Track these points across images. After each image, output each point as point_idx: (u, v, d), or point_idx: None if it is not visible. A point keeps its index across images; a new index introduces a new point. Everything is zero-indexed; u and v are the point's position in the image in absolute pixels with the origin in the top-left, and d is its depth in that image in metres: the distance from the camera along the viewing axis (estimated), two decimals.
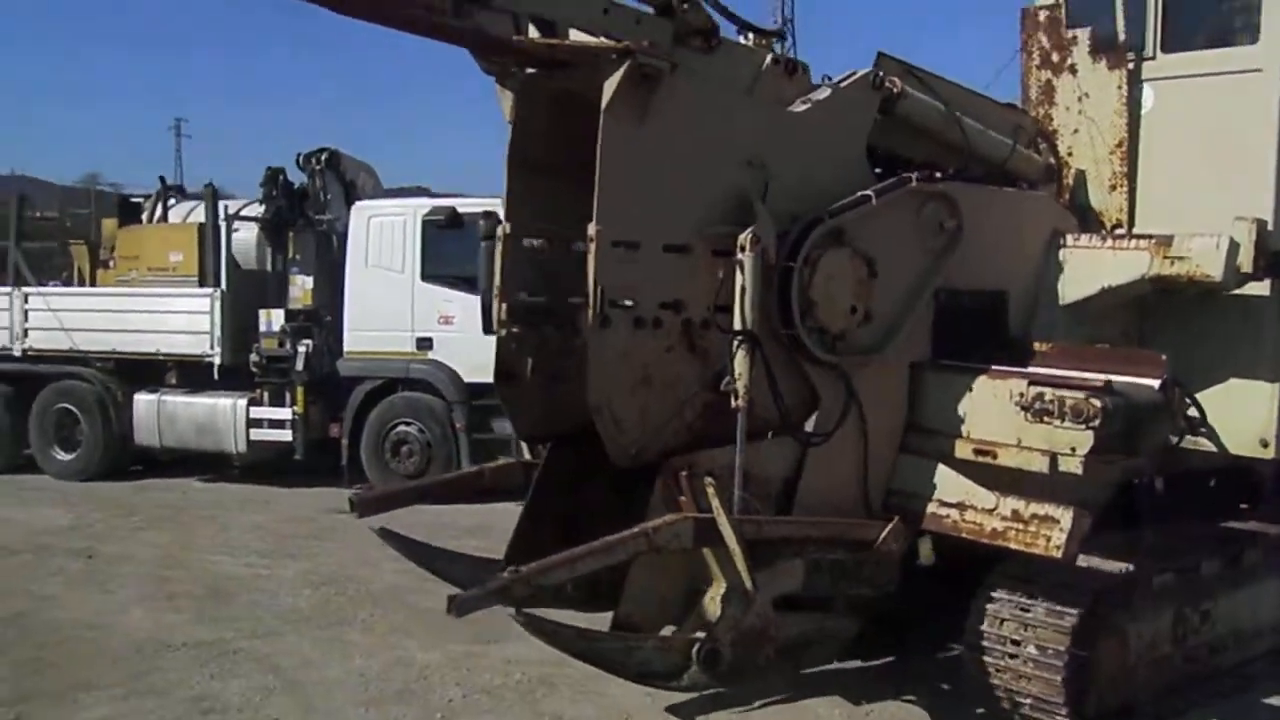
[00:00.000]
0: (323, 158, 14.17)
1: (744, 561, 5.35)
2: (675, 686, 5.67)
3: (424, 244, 13.34)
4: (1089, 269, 6.95)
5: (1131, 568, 6.23)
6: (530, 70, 5.84)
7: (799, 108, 6.07)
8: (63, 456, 14.94)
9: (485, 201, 13.42)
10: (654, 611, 5.83)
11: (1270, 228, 6.69)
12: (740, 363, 5.45)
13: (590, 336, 5.37)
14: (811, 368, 5.89)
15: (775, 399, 5.75)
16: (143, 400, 14.51)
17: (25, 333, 15.08)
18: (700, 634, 5.48)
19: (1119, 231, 7.37)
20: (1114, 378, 5.69)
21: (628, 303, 5.40)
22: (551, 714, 6.60)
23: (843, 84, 6.26)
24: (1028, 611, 5.99)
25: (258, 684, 7.12)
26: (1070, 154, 7.71)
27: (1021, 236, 6.98)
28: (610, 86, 5.21)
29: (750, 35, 6.27)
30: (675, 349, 5.59)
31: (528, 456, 6.81)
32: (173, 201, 15.90)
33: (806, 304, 5.78)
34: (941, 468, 6.16)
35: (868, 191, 5.99)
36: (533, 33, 5.57)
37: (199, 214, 15.26)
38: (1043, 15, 7.79)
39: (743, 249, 5.44)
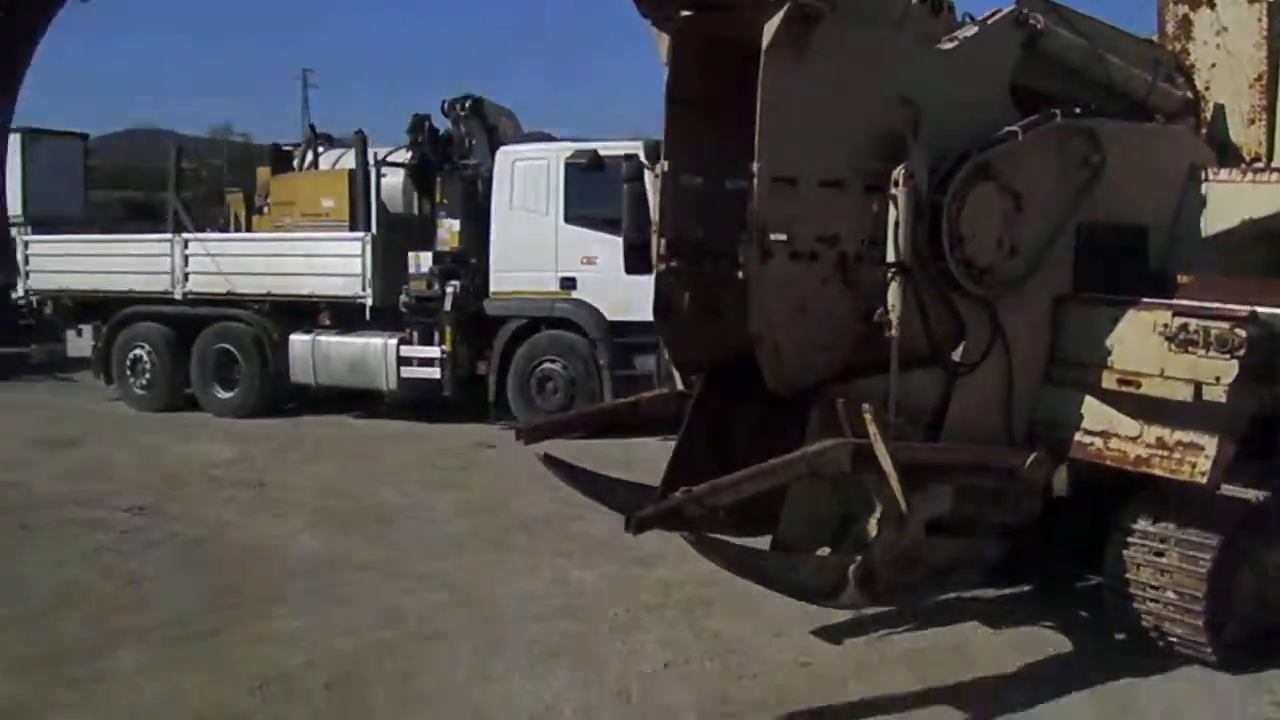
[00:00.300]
0: (467, 104, 14.50)
1: (899, 486, 5.50)
2: (832, 604, 5.88)
3: (567, 186, 13.62)
4: (1230, 203, 6.89)
5: (1267, 496, 6.22)
6: (686, 13, 5.98)
7: (946, 45, 6.14)
8: (222, 395, 15.64)
9: (626, 144, 13.70)
10: (810, 533, 6.07)
11: None
12: (894, 294, 5.61)
13: (751, 268, 5.54)
14: (960, 299, 6.01)
15: (926, 330, 5.88)
16: (298, 340, 15.11)
17: (185, 277, 15.74)
18: (857, 555, 5.67)
19: (1258, 165, 7.25)
20: (1258, 308, 5.71)
21: (786, 236, 5.56)
22: (710, 630, 6.85)
23: (989, 21, 6.32)
24: (1168, 539, 6.07)
25: (432, 600, 7.52)
26: (1208, 88, 7.58)
27: (1162, 171, 6.95)
28: (771, 27, 5.34)
29: None
30: (830, 281, 5.74)
31: (680, 387, 6.95)
32: (322, 149, 16.42)
33: (956, 237, 5.87)
34: (1085, 398, 6.25)
35: (1014, 128, 6.05)
36: None
37: (347, 161, 15.78)
38: None
39: (896, 184, 5.58)
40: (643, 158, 13.10)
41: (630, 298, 13.26)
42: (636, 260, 12.97)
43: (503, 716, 5.73)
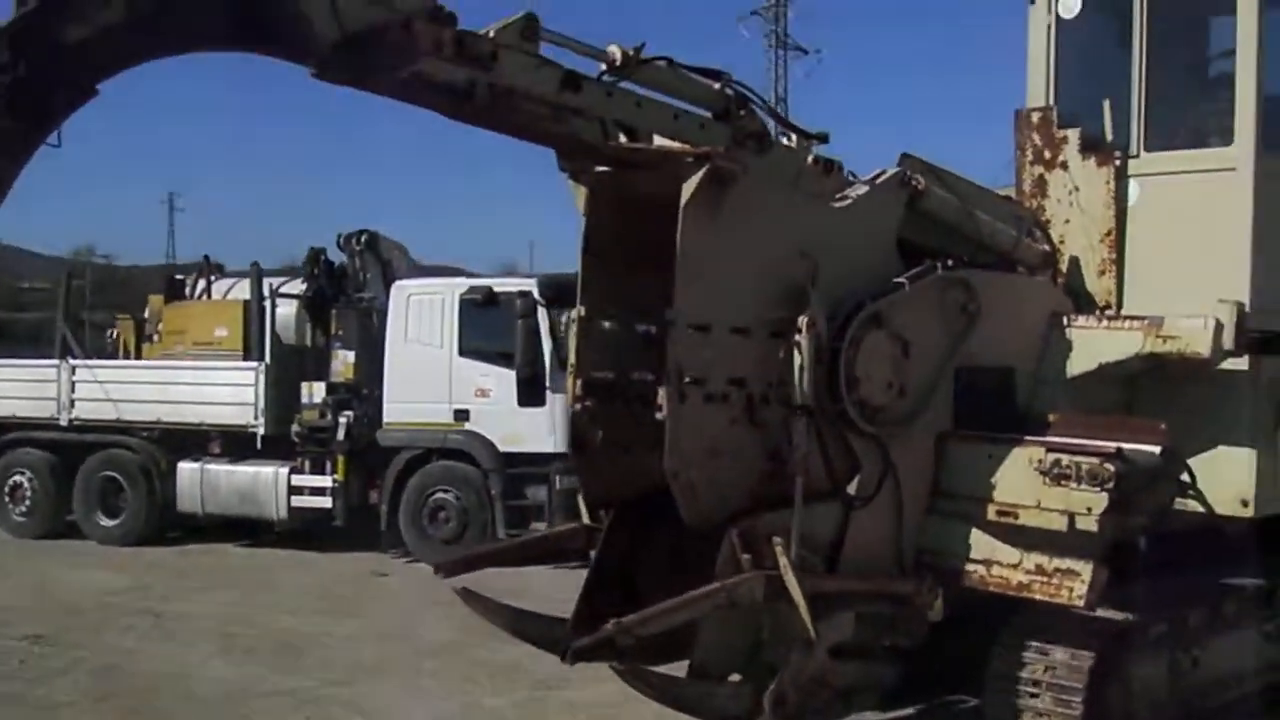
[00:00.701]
0: (362, 239, 15.02)
1: (808, 614, 5.88)
2: None
3: (461, 321, 14.10)
4: (1087, 347, 7.54)
5: (1133, 617, 6.86)
6: (601, 169, 6.40)
7: (841, 203, 6.71)
8: (106, 522, 15.60)
9: (520, 282, 14.39)
10: (724, 659, 6.37)
11: (1248, 309, 7.31)
12: (799, 434, 6.07)
13: (669, 409, 5.85)
14: (854, 438, 6.44)
15: (826, 466, 6.34)
16: (186, 469, 15.21)
17: (72, 403, 15.77)
18: (769, 681, 6.05)
19: (1110, 312, 8.00)
20: (1122, 445, 6.33)
21: (700, 379, 5.94)
22: None
23: (877, 181, 6.91)
24: (1047, 655, 6.63)
25: None
26: (1063, 241, 8.32)
27: (1027, 318, 7.56)
28: (690, 186, 5.77)
29: (793, 136, 6.84)
30: (739, 421, 6.10)
31: (587, 520, 7.16)
32: (214, 278, 16.71)
33: (852, 380, 6.33)
34: (967, 528, 6.71)
35: (901, 279, 6.65)
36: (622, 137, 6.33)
37: (238, 290, 16.11)
38: (1035, 117, 8.48)
39: (800, 332, 6.07)
40: (536, 295, 13.82)
41: (522, 430, 13.85)
42: (529, 393, 13.70)
43: None
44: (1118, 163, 8.12)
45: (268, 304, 15.17)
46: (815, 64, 52.95)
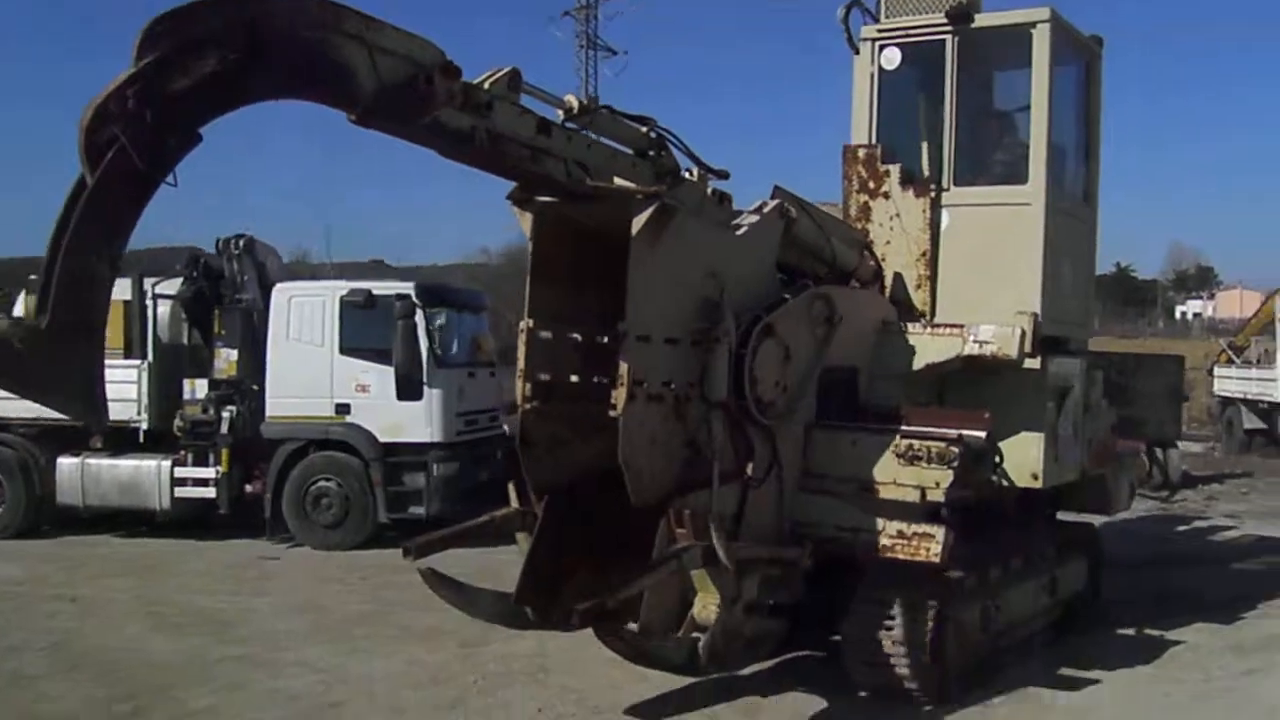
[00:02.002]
0: (240, 243, 15.82)
1: (736, 577, 7.19)
2: (691, 673, 7.67)
3: (342, 321, 15.07)
4: (914, 349, 8.92)
5: (960, 573, 8.45)
6: (543, 199, 7.33)
7: (738, 230, 7.98)
8: None
9: (398, 285, 15.50)
10: (663, 619, 7.49)
11: (1040, 319, 8.91)
12: (717, 426, 7.39)
13: (623, 408, 6.84)
14: (751, 429, 7.66)
15: (735, 453, 7.65)
16: (66, 463, 15.78)
17: None
18: (697, 634, 7.32)
19: (933, 320, 9.43)
20: (961, 431, 7.94)
21: (641, 381, 6.97)
22: (558, 685, 8.60)
23: (763, 211, 8.10)
24: (894, 605, 8.04)
25: (312, 680, 8.96)
26: (884, 259, 9.65)
27: (866, 325, 8.86)
28: (640, 220, 6.82)
29: (696, 171, 7.91)
30: (669, 417, 7.21)
31: (517, 505, 8.14)
32: None
33: (752, 381, 7.56)
34: (834, 502, 8.09)
35: (786, 295, 8.07)
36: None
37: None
38: (862, 153, 9.81)
39: (716, 340, 7.38)
40: (414, 298, 14.95)
41: (401, 422, 15.00)
42: (408, 388, 14.83)
43: None
44: (933, 194, 9.57)
45: (149, 304, 15.82)
46: (623, 65, 54.01)
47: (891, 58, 9.96)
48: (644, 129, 7.31)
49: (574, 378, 7.85)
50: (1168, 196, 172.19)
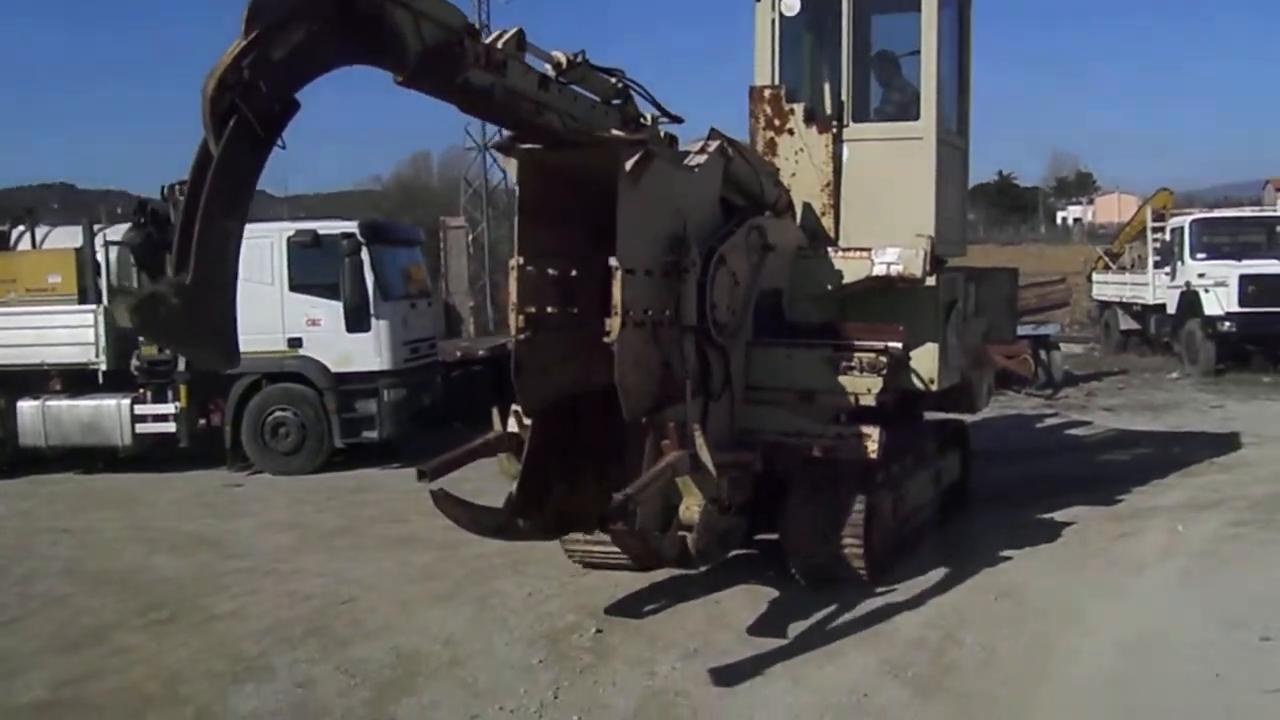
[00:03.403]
0: (184, 189, 16.55)
1: (715, 480, 7.89)
2: (683, 567, 8.73)
3: (290, 261, 15.93)
4: (827, 272, 9.75)
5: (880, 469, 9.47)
6: (526, 146, 7.72)
7: (691, 168, 8.47)
8: None
9: (343, 224, 16.43)
10: (653, 520, 8.11)
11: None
12: (688, 347, 8.09)
13: (618, 335, 7.35)
14: (710, 349, 8.41)
15: (702, 371, 8.39)
16: (27, 406, 16.53)
17: None
18: (683, 532, 8.09)
19: (844, 245, 10.18)
20: (886, 343, 9.04)
21: (628, 310, 7.41)
22: (538, 575, 9.76)
23: (708, 151, 8.68)
24: (831, 502, 9.08)
25: (321, 581, 10.10)
26: (791, 190, 10.29)
27: (786, 252, 9.62)
28: (628, 163, 7.32)
29: (651, 116, 8.46)
30: (649, 341, 7.76)
31: (507, 428, 8.60)
32: (41, 230, 17.87)
33: (712, 306, 8.30)
34: (776, 411, 9.01)
35: (731, 226, 8.73)
36: None
37: (58, 238, 17.43)
38: (767, 93, 10.57)
39: (685, 271, 7.96)
40: (358, 236, 15.93)
41: (351, 352, 16.06)
42: (357, 320, 15.87)
43: (458, 621, 8.56)
44: (834, 130, 10.42)
45: (100, 251, 16.58)
46: None
47: (792, 5, 10.74)
48: (614, 80, 8.02)
49: (550, 309, 8.20)
50: (1049, 104, 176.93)
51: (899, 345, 9.17)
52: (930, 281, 9.78)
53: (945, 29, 10.69)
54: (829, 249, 10.12)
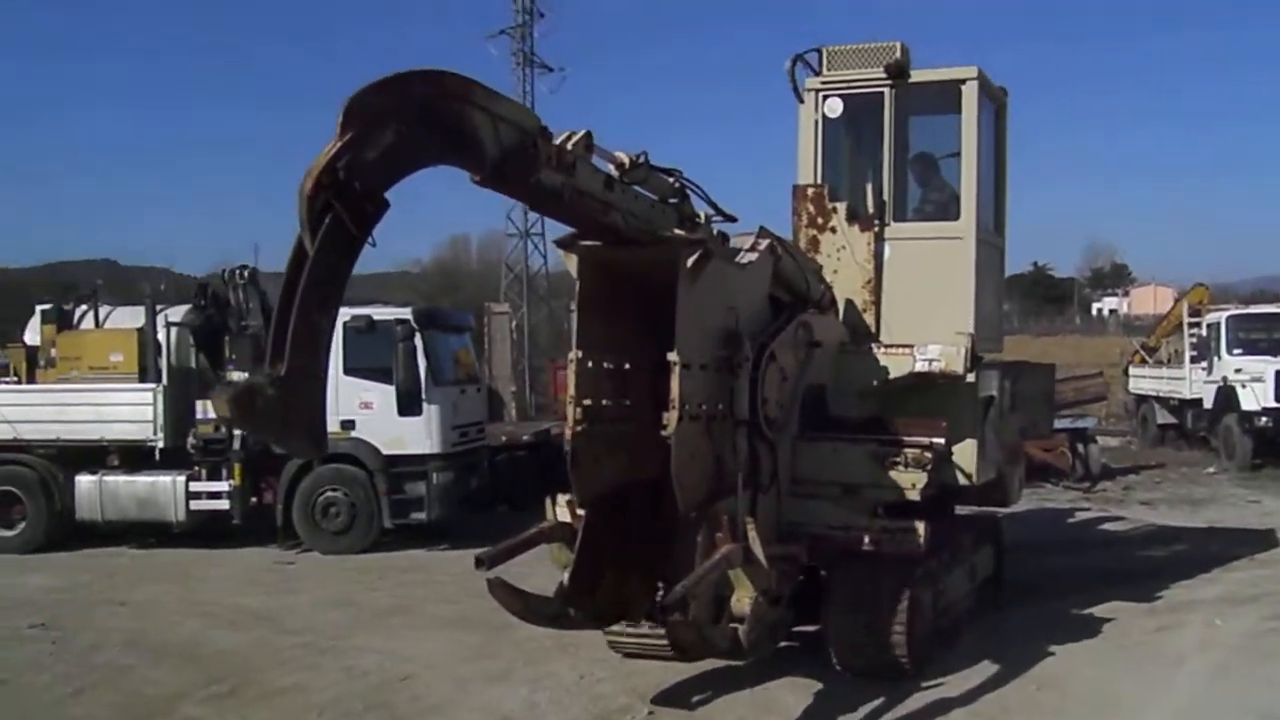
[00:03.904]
0: (245, 273, 17.21)
1: (767, 572, 8.14)
2: (734, 658, 8.82)
3: (345, 344, 16.44)
4: (870, 367, 9.91)
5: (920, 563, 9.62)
6: (587, 244, 7.88)
7: (742, 266, 8.64)
8: (5, 533, 17.21)
9: (397, 311, 16.96)
10: (706, 611, 8.14)
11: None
12: (741, 442, 8.19)
13: (676, 429, 7.47)
14: (759, 442, 8.50)
15: (752, 464, 8.43)
16: (84, 481, 17.06)
17: None
18: (734, 624, 8.18)
19: (885, 341, 10.32)
20: (930, 439, 9.21)
21: (685, 404, 7.55)
22: (589, 658, 9.95)
23: (758, 249, 8.87)
24: (876, 596, 9.26)
25: (374, 660, 10.40)
26: (833, 287, 10.46)
27: (829, 348, 9.70)
28: (688, 261, 7.60)
29: (703, 215, 8.34)
30: (703, 434, 7.84)
31: (564, 518, 8.84)
32: (103, 309, 18.51)
33: (763, 401, 8.42)
34: (822, 504, 9.13)
35: (780, 324, 8.86)
36: None
37: (120, 318, 18.04)
38: (810, 191, 10.82)
39: (739, 366, 8.13)
40: (412, 322, 16.44)
41: (402, 435, 16.49)
42: (408, 404, 16.32)
43: (513, 701, 8.83)
44: (875, 229, 10.64)
45: (165, 331, 17.16)
46: (560, 80, 55.43)
47: (834, 107, 11.02)
48: (671, 180, 8.03)
49: (605, 401, 8.27)
50: (1084, 195, 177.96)
51: (942, 441, 9.35)
52: (970, 378, 9.93)
53: (983, 131, 10.94)
54: (871, 345, 10.31)
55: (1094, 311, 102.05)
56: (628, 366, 8.38)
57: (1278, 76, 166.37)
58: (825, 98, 11.05)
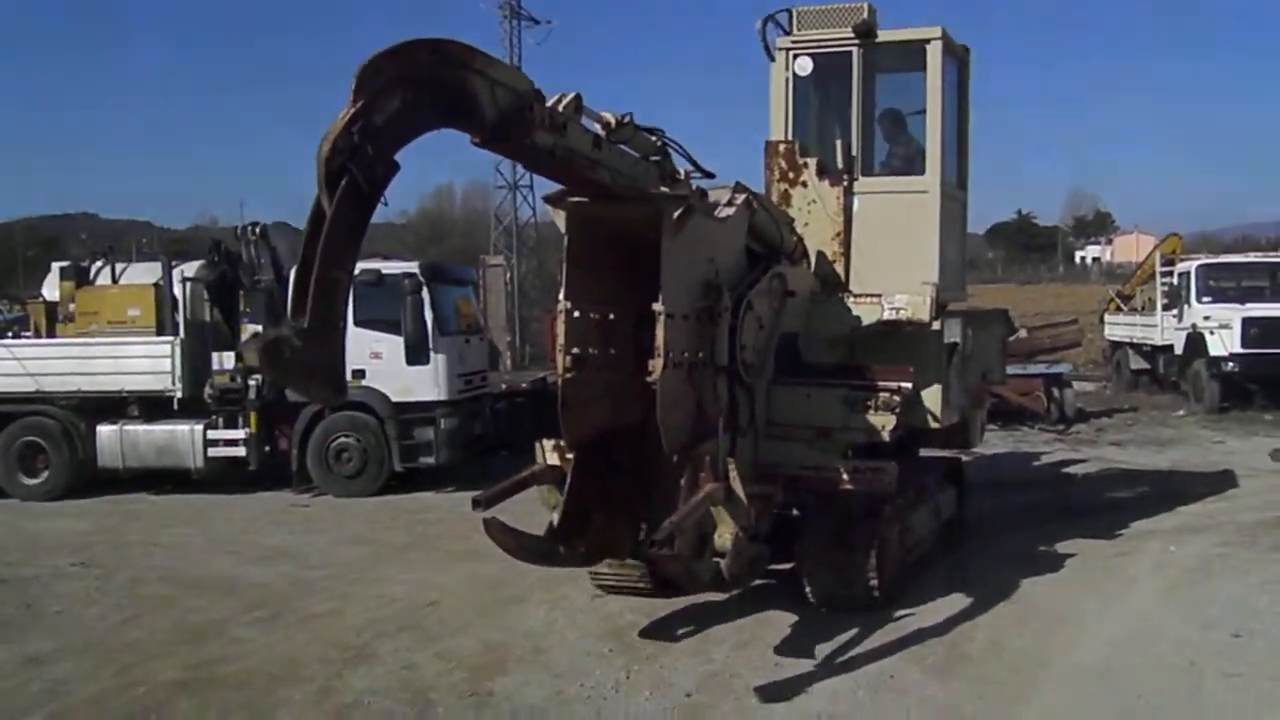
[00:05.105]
0: (257, 230, 17.98)
1: (751, 510, 8.49)
2: (718, 590, 9.70)
3: (355, 297, 17.17)
4: (839, 315, 10.38)
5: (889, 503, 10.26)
6: (574, 199, 8.33)
7: (720, 220, 9.00)
8: (29, 481, 18.07)
9: (405, 265, 17.76)
10: (691, 547, 8.58)
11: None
12: (721, 387, 8.73)
13: (661, 376, 7.96)
14: (738, 388, 9.00)
15: (731, 409, 8.93)
16: (105, 430, 17.88)
17: None
18: (717, 558, 8.63)
19: (855, 290, 10.79)
20: (899, 383, 9.83)
21: (669, 352, 8.04)
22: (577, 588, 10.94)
23: (734, 204, 9.19)
24: (848, 531, 9.79)
25: (401, 588, 11.33)
26: (804, 239, 10.81)
27: (801, 297, 10.14)
28: (671, 216, 8.02)
29: (687, 171, 8.70)
30: (684, 381, 8.35)
31: (553, 461, 9.31)
32: (119, 266, 19.28)
33: (741, 348, 8.90)
34: (796, 446, 9.59)
35: (756, 274, 9.32)
36: None
37: (135, 274, 18.85)
38: (781, 148, 11.20)
39: (719, 315, 8.60)
40: (419, 276, 17.25)
41: (411, 383, 17.35)
42: (416, 354, 17.16)
43: (533, 619, 9.75)
44: (845, 183, 11.09)
45: (177, 287, 17.96)
46: (547, 33, 55.81)
47: (805, 65, 11.38)
48: (654, 139, 8.36)
49: (592, 350, 8.72)
50: (1070, 142, 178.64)
51: (910, 385, 9.92)
52: (935, 326, 10.42)
53: (947, 89, 11.34)
54: (841, 294, 10.79)
55: (1077, 260, 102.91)
56: (612, 317, 8.82)
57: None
58: (795, 56, 11.41)
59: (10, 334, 20.79)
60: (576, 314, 8.63)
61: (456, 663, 8.92)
